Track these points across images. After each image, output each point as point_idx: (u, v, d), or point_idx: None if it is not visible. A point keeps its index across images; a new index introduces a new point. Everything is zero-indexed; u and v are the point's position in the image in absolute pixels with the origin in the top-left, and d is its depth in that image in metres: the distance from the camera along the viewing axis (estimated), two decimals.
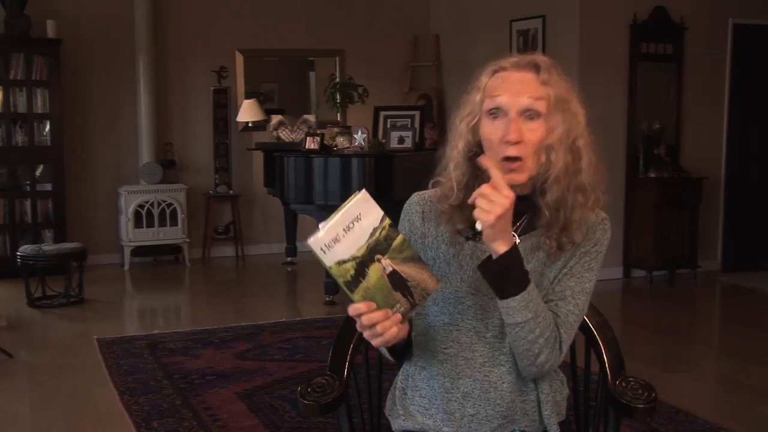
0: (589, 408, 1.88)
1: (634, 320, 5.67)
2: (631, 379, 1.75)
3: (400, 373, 1.76)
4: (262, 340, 4.88)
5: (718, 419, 3.61)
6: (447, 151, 1.66)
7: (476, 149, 1.60)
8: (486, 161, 1.48)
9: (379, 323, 1.44)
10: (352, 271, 1.42)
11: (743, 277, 6.83)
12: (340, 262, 1.41)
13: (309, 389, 1.72)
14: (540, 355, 1.57)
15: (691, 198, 6.69)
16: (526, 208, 1.61)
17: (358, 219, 1.41)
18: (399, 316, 1.45)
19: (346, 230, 1.41)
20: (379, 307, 1.44)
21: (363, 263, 1.42)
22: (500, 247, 1.49)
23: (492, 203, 1.43)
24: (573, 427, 1.73)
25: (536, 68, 1.56)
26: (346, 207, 1.41)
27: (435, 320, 1.65)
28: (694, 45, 6.79)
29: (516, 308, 1.52)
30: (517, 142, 1.53)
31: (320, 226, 1.41)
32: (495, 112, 1.56)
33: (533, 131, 1.54)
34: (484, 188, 1.44)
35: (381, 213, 1.43)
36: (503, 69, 1.58)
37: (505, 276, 1.50)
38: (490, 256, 1.51)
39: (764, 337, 5.14)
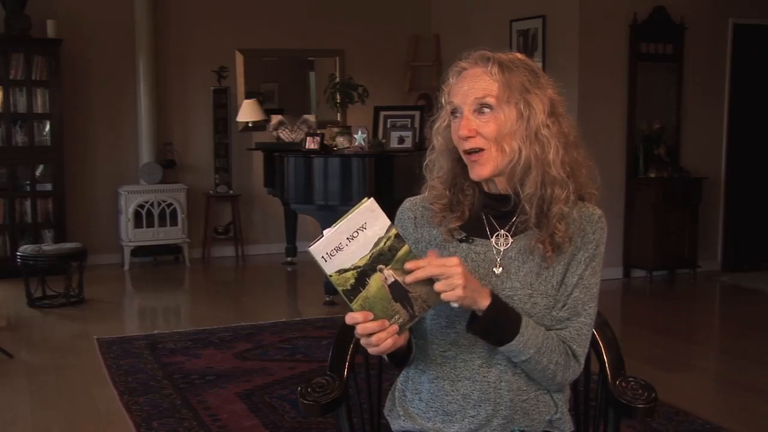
0: (589, 408, 1.88)
1: (634, 320, 5.67)
2: (631, 379, 1.75)
3: (400, 374, 1.76)
4: (262, 340, 4.88)
5: (718, 419, 3.61)
6: (433, 153, 1.68)
7: (453, 147, 1.63)
8: (411, 265, 1.42)
9: (374, 334, 1.44)
10: (353, 280, 1.40)
11: (743, 277, 6.83)
12: (341, 271, 1.40)
13: (309, 389, 1.72)
14: (555, 377, 1.60)
15: (691, 198, 6.69)
16: (514, 208, 1.62)
17: (363, 228, 1.39)
18: (395, 327, 1.44)
19: (350, 239, 1.39)
20: (376, 317, 1.42)
21: (364, 273, 1.40)
22: (482, 302, 1.48)
23: (449, 280, 1.41)
24: (573, 427, 1.72)
25: (487, 61, 1.57)
26: (351, 214, 1.39)
27: (432, 323, 1.64)
28: (694, 45, 6.79)
29: (518, 350, 1.53)
30: (469, 137, 1.55)
31: (324, 232, 1.39)
32: (455, 113, 1.59)
33: (486, 123, 1.55)
34: (431, 270, 1.40)
35: (387, 222, 1.41)
36: (463, 68, 1.59)
37: (495, 326, 1.51)
38: (474, 314, 1.51)
39: (764, 337, 5.14)
